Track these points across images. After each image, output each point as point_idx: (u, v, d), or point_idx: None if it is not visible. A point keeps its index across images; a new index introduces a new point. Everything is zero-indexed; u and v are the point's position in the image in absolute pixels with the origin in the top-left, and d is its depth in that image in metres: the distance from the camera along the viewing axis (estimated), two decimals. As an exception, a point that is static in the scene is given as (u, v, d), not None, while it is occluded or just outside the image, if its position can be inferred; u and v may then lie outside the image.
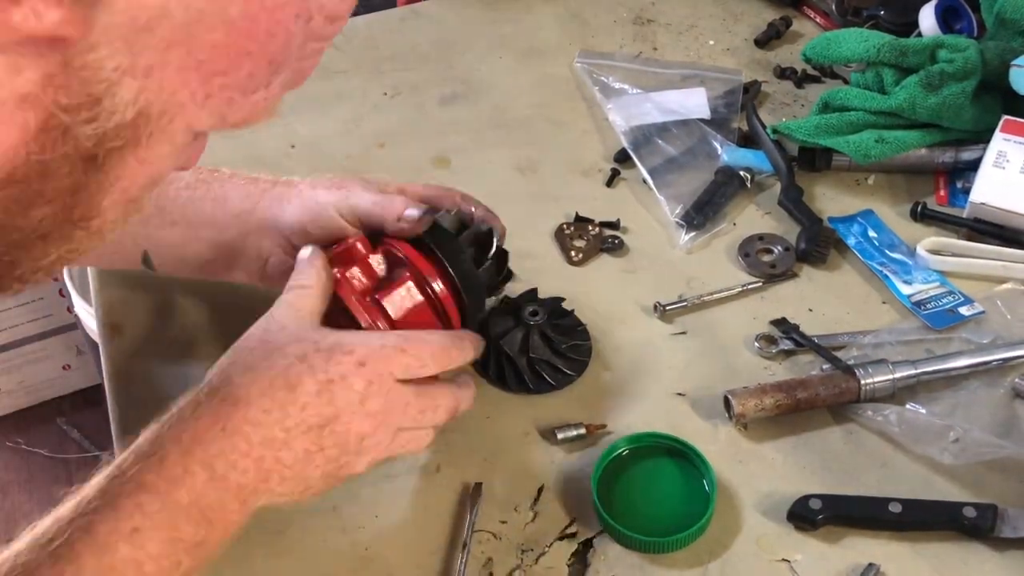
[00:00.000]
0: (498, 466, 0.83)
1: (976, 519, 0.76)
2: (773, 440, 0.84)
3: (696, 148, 1.09)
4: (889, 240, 0.99)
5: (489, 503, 0.80)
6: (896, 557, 0.76)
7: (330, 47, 0.54)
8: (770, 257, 0.98)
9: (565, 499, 0.81)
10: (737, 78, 1.18)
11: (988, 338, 0.89)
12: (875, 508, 0.78)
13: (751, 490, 0.81)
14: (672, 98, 1.15)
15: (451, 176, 1.08)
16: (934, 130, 1.04)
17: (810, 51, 1.12)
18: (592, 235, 1.01)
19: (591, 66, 1.21)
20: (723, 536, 0.78)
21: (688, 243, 1.00)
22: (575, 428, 0.84)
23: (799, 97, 1.17)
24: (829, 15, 1.26)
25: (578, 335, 0.90)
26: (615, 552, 0.77)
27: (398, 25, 1.29)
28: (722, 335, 0.92)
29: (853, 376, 0.84)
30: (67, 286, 1.65)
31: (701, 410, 0.86)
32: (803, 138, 1.04)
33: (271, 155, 1.10)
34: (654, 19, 1.29)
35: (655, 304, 0.94)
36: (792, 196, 1.02)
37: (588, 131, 1.13)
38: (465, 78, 1.21)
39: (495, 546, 0.78)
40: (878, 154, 1.02)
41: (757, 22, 1.28)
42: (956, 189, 1.04)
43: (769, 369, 0.89)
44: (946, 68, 1.02)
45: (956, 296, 0.93)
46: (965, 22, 1.14)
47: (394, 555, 0.77)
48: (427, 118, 1.15)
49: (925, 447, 0.80)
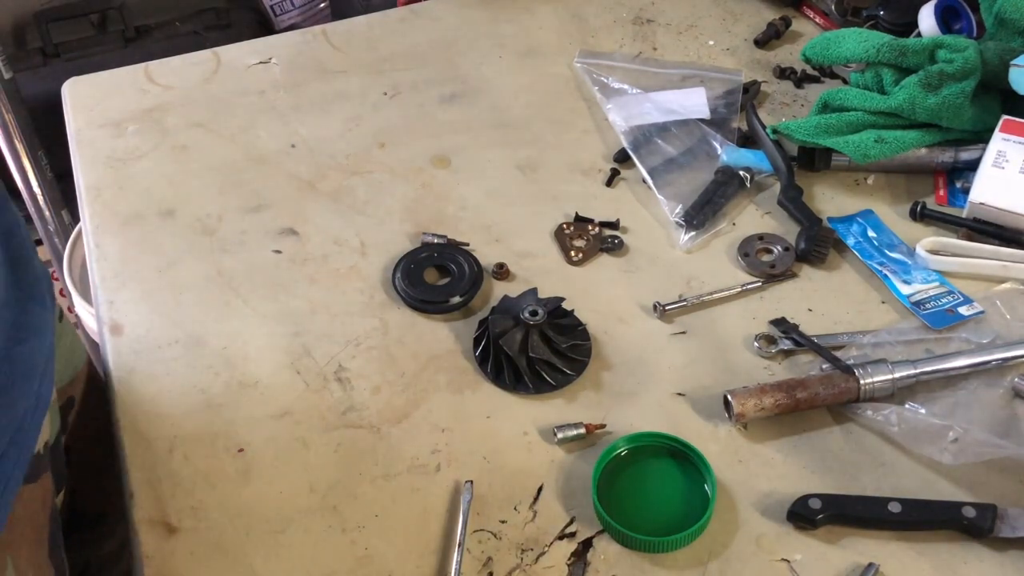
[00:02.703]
0: (498, 466, 0.83)
1: (976, 519, 0.76)
2: (773, 440, 0.84)
3: (696, 148, 1.10)
4: (888, 240, 0.99)
5: (489, 503, 0.80)
6: (896, 557, 0.76)
7: (330, 47, 0.54)
8: (770, 257, 0.98)
9: (565, 499, 0.81)
10: (737, 78, 1.18)
11: (987, 338, 0.89)
12: (875, 508, 0.78)
13: (751, 490, 0.81)
14: (672, 98, 1.16)
15: (451, 176, 1.08)
16: (934, 130, 1.04)
17: (809, 51, 1.12)
18: (592, 235, 1.01)
19: (591, 66, 1.21)
20: (723, 536, 0.78)
21: (688, 243, 1.00)
22: (575, 428, 0.84)
23: (799, 97, 1.18)
24: (828, 15, 1.26)
25: (578, 335, 0.91)
26: (615, 552, 0.77)
27: (398, 25, 1.29)
28: (722, 335, 0.92)
29: (853, 376, 0.84)
30: (67, 286, 1.64)
31: (701, 410, 0.86)
32: (803, 138, 1.04)
33: (271, 155, 1.11)
34: (654, 19, 1.29)
35: (655, 304, 0.94)
36: (792, 196, 1.02)
37: (588, 131, 1.14)
38: (465, 78, 1.21)
39: (495, 546, 0.78)
40: (877, 154, 1.02)
41: (757, 22, 1.28)
42: (955, 189, 1.04)
43: (769, 369, 0.89)
44: (945, 68, 1.02)
45: (955, 296, 0.93)
46: (964, 22, 1.14)
47: (394, 555, 0.77)
48: (427, 118, 1.16)
49: (924, 447, 0.80)
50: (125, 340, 0.93)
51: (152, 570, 0.77)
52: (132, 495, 0.81)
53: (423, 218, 1.04)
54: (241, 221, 1.03)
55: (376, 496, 0.81)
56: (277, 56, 1.24)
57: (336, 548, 0.78)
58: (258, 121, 1.15)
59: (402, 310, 0.95)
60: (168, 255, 1.00)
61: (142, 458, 0.84)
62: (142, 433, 0.85)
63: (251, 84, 1.20)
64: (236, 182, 1.08)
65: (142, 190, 1.07)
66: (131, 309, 0.95)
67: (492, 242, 1.01)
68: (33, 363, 0.71)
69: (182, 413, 0.87)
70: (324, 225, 1.03)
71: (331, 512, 0.80)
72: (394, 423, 0.86)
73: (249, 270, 0.99)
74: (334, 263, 0.99)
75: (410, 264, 0.97)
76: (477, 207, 1.05)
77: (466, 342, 0.92)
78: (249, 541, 0.78)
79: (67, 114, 1.18)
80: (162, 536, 0.79)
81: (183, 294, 0.96)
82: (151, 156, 1.11)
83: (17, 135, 1.74)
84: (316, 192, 1.07)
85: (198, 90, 1.19)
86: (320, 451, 0.84)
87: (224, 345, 0.92)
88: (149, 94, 1.19)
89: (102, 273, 0.99)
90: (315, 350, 0.91)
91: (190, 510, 0.80)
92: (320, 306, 0.95)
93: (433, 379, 0.89)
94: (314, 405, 0.87)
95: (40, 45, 2.04)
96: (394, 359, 0.91)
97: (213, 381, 0.89)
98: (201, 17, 2.16)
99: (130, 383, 0.89)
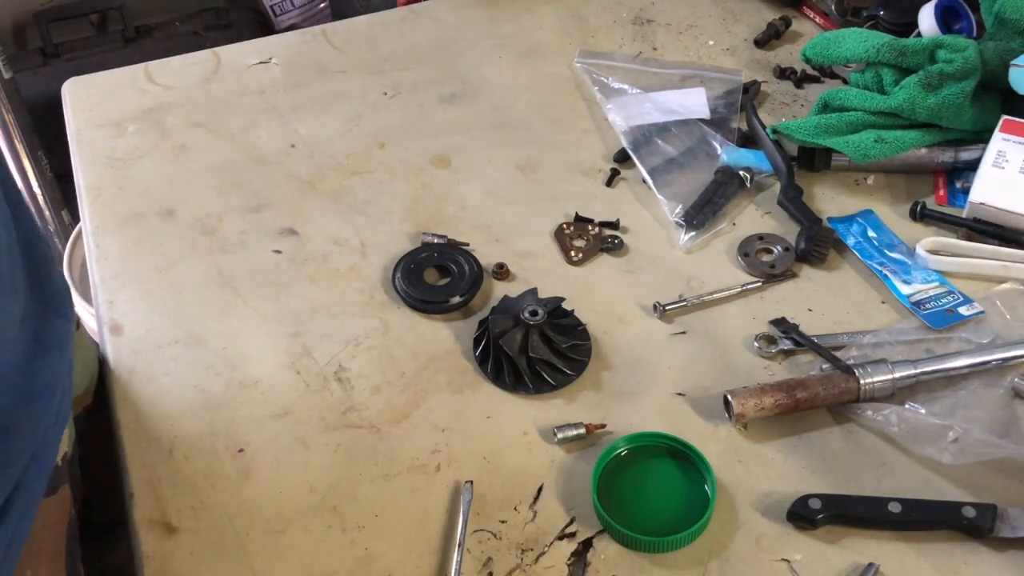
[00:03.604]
0: (498, 466, 0.83)
1: (976, 519, 0.76)
2: (773, 440, 0.84)
3: (696, 148, 1.10)
4: (888, 240, 0.99)
5: (489, 503, 0.80)
6: (896, 557, 0.76)
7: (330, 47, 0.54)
8: (770, 257, 0.98)
9: (565, 499, 0.81)
10: (737, 78, 1.18)
11: (987, 338, 0.89)
12: (875, 508, 0.78)
13: (751, 490, 0.81)
14: (672, 98, 1.16)
15: (451, 176, 1.08)
16: (933, 130, 1.04)
17: (809, 51, 1.12)
18: (592, 235, 1.01)
19: (591, 66, 1.21)
20: (723, 536, 0.78)
21: (688, 243, 1.00)
22: (575, 428, 0.84)
23: (799, 97, 1.18)
24: (828, 15, 1.26)
25: (578, 335, 0.91)
26: (615, 552, 0.77)
27: (398, 25, 1.29)
28: (722, 335, 0.92)
29: (853, 376, 0.84)
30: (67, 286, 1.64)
31: (701, 410, 0.86)
32: (802, 138, 1.04)
33: (271, 155, 1.11)
34: (654, 19, 1.29)
35: (655, 304, 0.94)
36: (791, 196, 1.02)
37: (588, 131, 1.14)
38: (465, 78, 1.21)
39: (495, 546, 0.78)
40: (877, 154, 1.02)
41: (757, 22, 1.28)
42: (955, 189, 1.04)
43: (769, 369, 0.89)
44: (945, 68, 1.02)
45: (955, 296, 0.93)
46: (964, 22, 1.14)
47: (394, 555, 0.77)
48: (427, 118, 1.16)
49: (924, 447, 0.80)
50: (125, 340, 0.93)
51: (152, 570, 0.77)
52: (132, 495, 0.81)
53: (423, 218, 1.04)
54: (241, 221, 1.03)
55: (376, 496, 0.81)
56: (277, 56, 1.24)
57: (336, 548, 0.78)
58: (258, 121, 1.15)
59: (402, 310, 0.95)
60: (168, 255, 1.00)
61: (142, 458, 0.84)
62: (142, 433, 0.85)
63: (251, 84, 1.20)
64: (236, 182, 1.08)
65: (142, 190, 1.07)
66: (131, 309, 0.95)
67: (492, 242, 1.01)
68: (55, 377, 0.70)
69: (182, 413, 0.87)
70: (324, 225, 1.03)
71: (331, 512, 0.80)
72: (394, 423, 0.86)
73: (249, 270, 0.99)
74: (334, 263, 0.99)
75: (410, 264, 0.97)
76: (477, 207, 1.05)
77: (466, 342, 0.92)
78: (249, 541, 0.78)
79: (67, 114, 1.18)
80: (162, 536, 0.79)
81: (183, 294, 0.96)
82: (151, 156, 1.11)
83: (17, 135, 1.74)
84: (316, 192, 1.07)
85: (198, 90, 1.19)
86: (320, 451, 0.84)
87: (224, 345, 0.92)
88: (149, 94, 1.19)
89: (102, 273, 0.99)
90: (315, 350, 0.91)
91: (190, 510, 0.80)
92: (320, 306, 0.95)
93: (433, 379, 0.89)
94: (314, 405, 0.87)
95: (40, 45, 2.04)
96: (394, 359, 0.91)
97: (213, 381, 0.89)
98: (201, 17, 2.16)
99: (130, 383, 0.89)
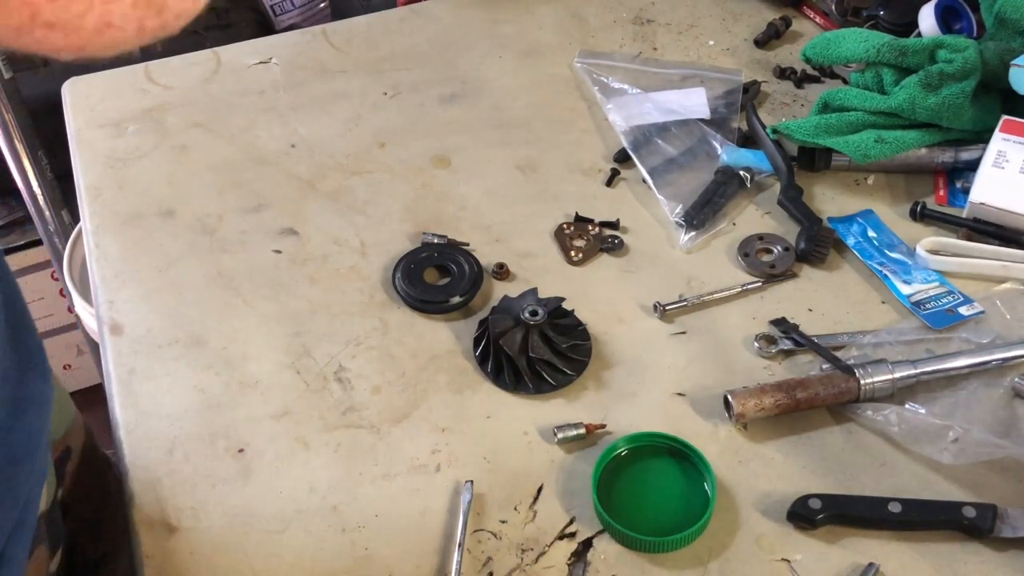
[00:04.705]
0: (498, 466, 0.83)
1: (976, 519, 0.76)
2: (773, 440, 0.84)
3: (696, 148, 1.10)
4: (888, 240, 0.99)
5: (489, 503, 0.80)
6: (896, 557, 0.76)
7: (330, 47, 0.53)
8: (770, 257, 0.98)
9: (565, 499, 0.81)
10: (737, 78, 1.18)
11: (987, 338, 0.89)
12: (875, 508, 0.78)
13: (751, 490, 0.81)
14: (672, 98, 1.16)
15: (451, 176, 1.08)
16: (934, 130, 1.04)
17: (810, 51, 1.12)
18: (592, 235, 1.01)
19: (591, 66, 1.21)
20: (723, 536, 0.78)
21: (688, 243, 1.00)
22: (575, 428, 0.84)
23: (799, 97, 1.18)
24: (829, 15, 1.26)
25: (578, 335, 0.91)
26: (615, 552, 0.77)
27: (398, 25, 1.29)
28: (722, 335, 0.92)
29: (853, 376, 0.84)
30: (67, 286, 1.64)
31: (701, 410, 0.86)
32: (803, 138, 1.04)
33: (271, 155, 1.11)
34: (654, 19, 1.29)
35: (655, 304, 0.94)
36: (792, 196, 1.02)
37: (588, 131, 1.14)
38: (465, 78, 1.21)
39: (495, 546, 0.78)
40: (877, 154, 1.02)
41: (757, 22, 1.28)
42: (955, 189, 1.04)
43: (769, 369, 0.89)
44: (946, 68, 1.02)
45: (955, 296, 0.93)
46: (965, 22, 1.14)
47: (394, 555, 0.77)
48: (427, 118, 1.16)
49: (924, 447, 0.80)
50: (125, 340, 0.93)
51: (152, 570, 0.77)
52: (132, 495, 0.81)
53: (423, 218, 1.04)
54: (241, 221, 1.03)
55: (376, 496, 0.81)
56: (277, 56, 1.24)
57: (336, 548, 0.78)
58: (258, 121, 1.15)
59: (402, 310, 0.95)
60: (168, 255, 1.00)
61: (142, 458, 0.84)
62: (142, 433, 0.85)
63: (251, 84, 1.20)
64: (236, 182, 1.08)
65: (142, 190, 1.07)
66: (131, 309, 0.95)
67: (492, 242, 1.01)
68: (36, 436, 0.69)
69: (182, 413, 0.87)
70: (324, 225, 1.03)
71: (331, 512, 0.80)
72: (394, 423, 0.86)
73: (249, 270, 0.99)
74: (334, 263, 0.99)
75: (410, 264, 0.97)
76: (477, 207, 1.05)
77: (466, 342, 0.92)
78: (249, 541, 0.78)
79: (67, 114, 1.18)
80: (162, 536, 0.79)
81: (183, 294, 0.96)
82: (151, 156, 1.11)
83: (17, 135, 1.74)
84: (316, 192, 1.07)
85: (198, 90, 1.19)
86: (320, 451, 0.84)
87: (224, 345, 0.92)
88: (149, 94, 1.19)
89: (102, 273, 0.99)
90: (315, 350, 0.91)
91: (190, 510, 0.80)
92: (320, 306, 0.95)
93: (433, 379, 0.89)
94: (314, 405, 0.87)
95: (40, 45, 2.04)
96: (394, 359, 0.91)
97: (213, 381, 0.89)
98: (201, 17, 2.15)
99: (130, 383, 0.89)
